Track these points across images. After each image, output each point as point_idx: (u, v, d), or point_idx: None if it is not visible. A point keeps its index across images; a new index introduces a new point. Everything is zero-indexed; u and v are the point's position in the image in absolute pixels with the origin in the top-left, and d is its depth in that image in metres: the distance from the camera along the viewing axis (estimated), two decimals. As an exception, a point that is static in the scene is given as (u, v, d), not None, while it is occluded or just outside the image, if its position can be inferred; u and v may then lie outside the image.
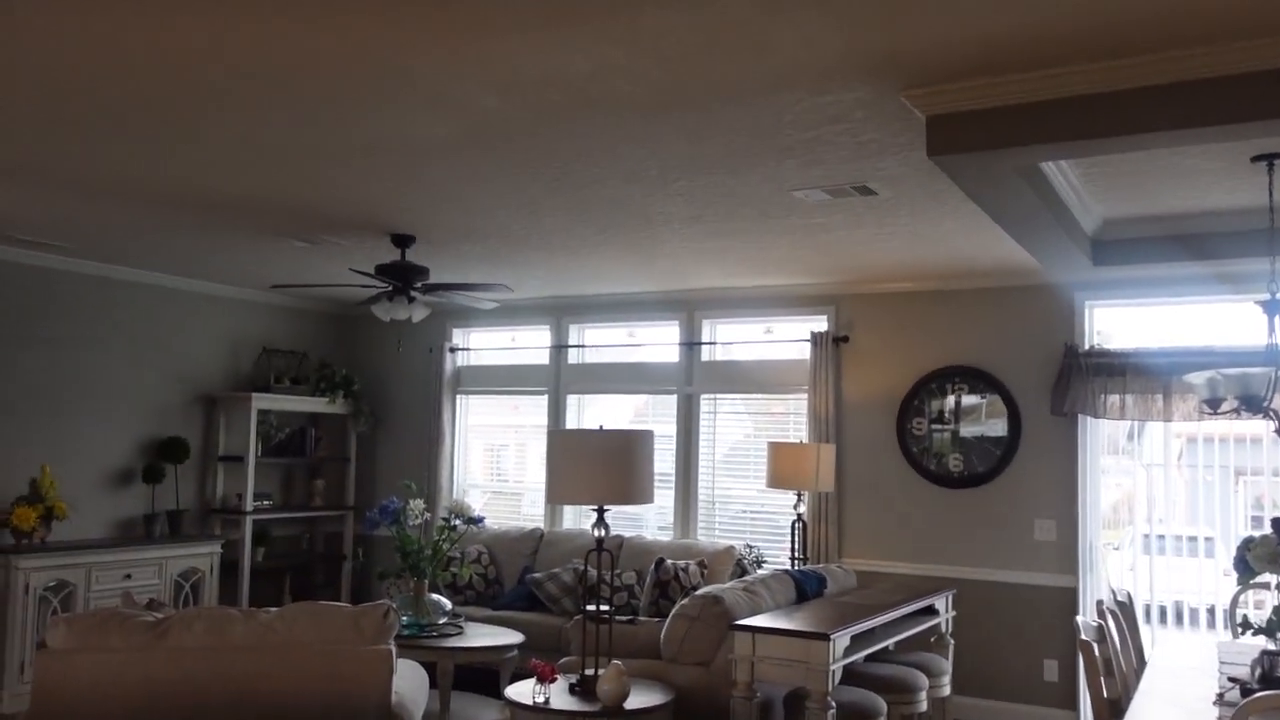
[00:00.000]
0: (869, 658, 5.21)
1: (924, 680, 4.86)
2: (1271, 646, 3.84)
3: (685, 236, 5.72)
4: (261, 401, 7.78)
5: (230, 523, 7.72)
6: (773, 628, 4.18)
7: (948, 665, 5.28)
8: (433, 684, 5.43)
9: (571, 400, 8.07)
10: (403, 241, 5.85)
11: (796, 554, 6.51)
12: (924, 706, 4.84)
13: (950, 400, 6.65)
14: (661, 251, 6.14)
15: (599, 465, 4.13)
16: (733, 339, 7.62)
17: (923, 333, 6.81)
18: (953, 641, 5.51)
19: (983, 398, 6.56)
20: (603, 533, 4.26)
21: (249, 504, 7.63)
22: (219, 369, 7.92)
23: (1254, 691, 3.51)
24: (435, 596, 5.90)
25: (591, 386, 8.02)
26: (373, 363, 8.76)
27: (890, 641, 4.85)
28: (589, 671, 4.13)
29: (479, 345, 8.59)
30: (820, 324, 7.11)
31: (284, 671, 3.59)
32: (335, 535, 8.58)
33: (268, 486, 8.11)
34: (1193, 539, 6.56)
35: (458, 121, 3.87)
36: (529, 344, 8.35)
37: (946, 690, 5.20)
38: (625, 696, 3.96)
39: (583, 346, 8.09)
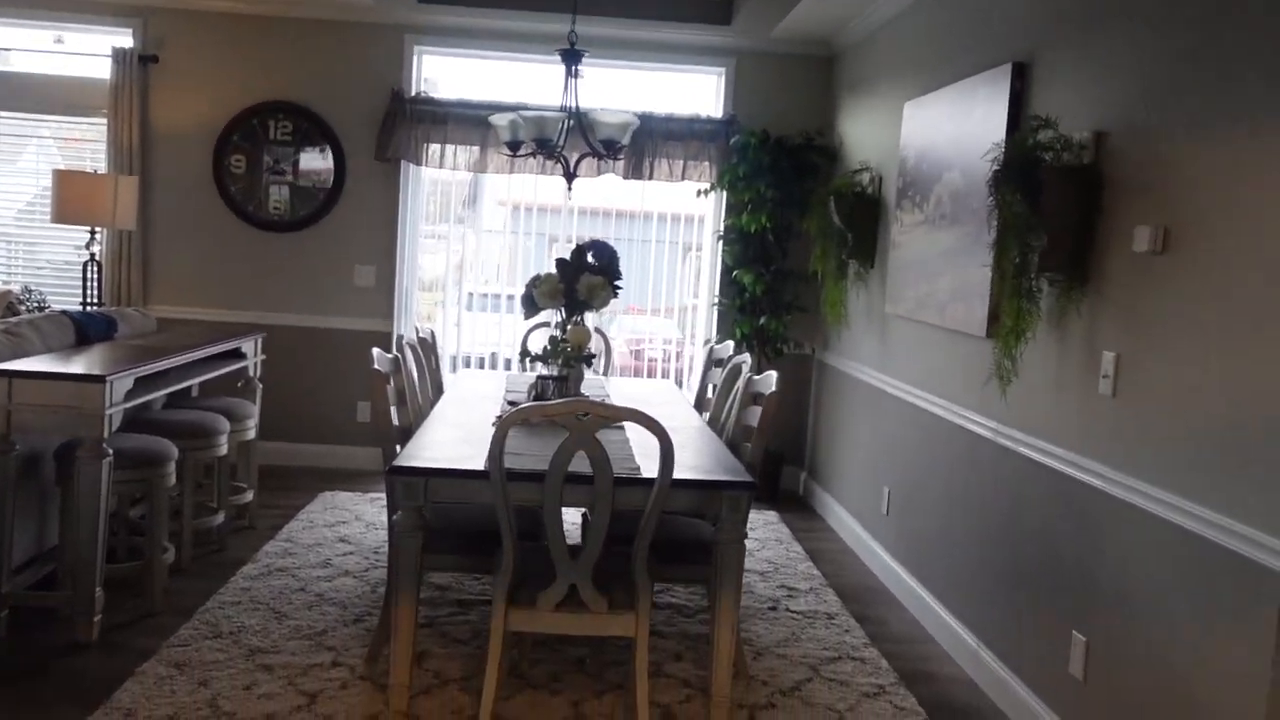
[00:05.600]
0: (169, 404, 4.85)
1: (225, 424, 4.62)
2: (545, 372, 4.20)
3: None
4: None
5: None
6: (33, 371, 3.61)
7: (254, 410, 5.09)
8: None
9: None
10: None
11: (91, 299, 5.78)
12: (224, 450, 4.62)
13: (274, 138, 6.22)
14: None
15: None
16: (12, 45, 6.32)
17: (246, 62, 6.22)
18: (261, 386, 5.31)
19: (312, 141, 6.23)
20: None
21: None
22: None
23: (525, 411, 3.81)
24: None
25: None
26: None
27: (190, 384, 4.52)
28: None
29: None
30: (124, 39, 6.15)
31: None
32: None
33: None
34: (502, 297, 7.06)
35: None
36: None
37: (252, 434, 5.02)
38: None
39: None
